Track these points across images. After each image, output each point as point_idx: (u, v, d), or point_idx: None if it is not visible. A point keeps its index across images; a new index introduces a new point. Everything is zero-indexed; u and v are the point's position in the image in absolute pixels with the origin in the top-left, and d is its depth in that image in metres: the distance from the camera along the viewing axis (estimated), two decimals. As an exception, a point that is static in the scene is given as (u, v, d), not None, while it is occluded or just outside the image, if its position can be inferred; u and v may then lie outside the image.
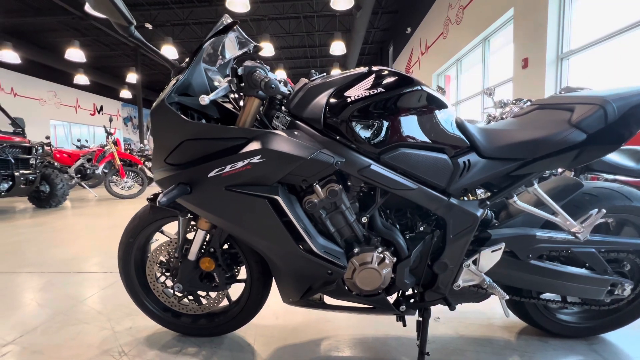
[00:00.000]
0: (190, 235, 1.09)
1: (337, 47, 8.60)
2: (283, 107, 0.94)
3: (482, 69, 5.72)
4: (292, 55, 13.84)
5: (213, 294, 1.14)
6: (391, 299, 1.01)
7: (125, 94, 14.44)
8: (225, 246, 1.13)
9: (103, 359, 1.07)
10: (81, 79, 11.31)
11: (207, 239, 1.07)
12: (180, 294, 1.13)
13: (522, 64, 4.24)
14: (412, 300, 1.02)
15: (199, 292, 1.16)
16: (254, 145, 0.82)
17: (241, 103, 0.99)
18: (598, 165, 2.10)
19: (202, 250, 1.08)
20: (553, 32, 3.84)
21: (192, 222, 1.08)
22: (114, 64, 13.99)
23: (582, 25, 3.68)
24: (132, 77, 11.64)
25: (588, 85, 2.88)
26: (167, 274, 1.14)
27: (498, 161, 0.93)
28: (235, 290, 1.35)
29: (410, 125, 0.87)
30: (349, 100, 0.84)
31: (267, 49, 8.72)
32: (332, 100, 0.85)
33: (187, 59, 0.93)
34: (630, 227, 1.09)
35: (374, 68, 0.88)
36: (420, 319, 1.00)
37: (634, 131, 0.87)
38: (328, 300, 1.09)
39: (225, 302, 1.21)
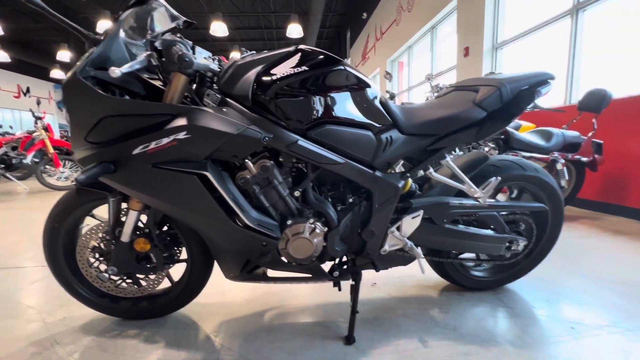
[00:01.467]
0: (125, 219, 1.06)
1: (294, 30, 8.40)
2: (214, 85, 0.94)
3: (430, 56, 6.01)
4: (248, 36, 13.26)
5: (152, 276, 1.13)
6: (327, 268, 1.10)
7: (58, 74, 12.75)
8: (165, 228, 1.12)
9: (31, 350, 1.02)
10: (-1, 55, 9.75)
11: (143, 220, 1.06)
12: (116, 278, 1.11)
13: (464, 52, 4.55)
14: (345, 267, 1.11)
15: (138, 275, 1.15)
16: (180, 122, 0.82)
17: None
18: (517, 144, 2.38)
19: (138, 232, 1.06)
20: (489, 23, 4.16)
21: (125, 205, 1.05)
22: (41, 39, 12.24)
23: (514, 18, 4.03)
24: (64, 55, 10.30)
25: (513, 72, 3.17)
26: (101, 258, 1.10)
27: (416, 137, 1.03)
28: (180, 270, 1.34)
29: (335, 103, 0.92)
30: (275, 77, 0.87)
31: (220, 28, 8.24)
32: (260, 77, 0.88)
33: (104, 30, 0.88)
34: (527, 193, 1.29)
35: (301, 47, 0.92)
36: (353, 282, 1.10)
37: (522, 109, 1.02)
38: (271, 273, 1.14)
39: (168, 283, 1.21)
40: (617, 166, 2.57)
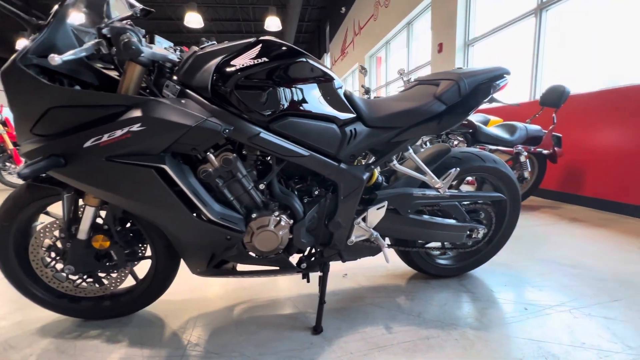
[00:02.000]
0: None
1: (273, 23, 8.26)
2: (174, 77, 0.91)
3: (406, 52, 6.10)
4: (225, 28, 12.90)
5: (114, 274, 1.10)
6: (295, 260, 1.10)
7: (18, 65, 11.85)
8: (128, 225, 1.08)
9: (-19, 355, 0.97)
10: (-52, 43, 8.92)
11: (101, 216, 1.02)
12: (75, 277, 1.07)
13: (438, 48, 4.66)
14: (312, 259, 1.12)
15: (99, 273, 1.10)
16: (134, 113, 0.79)
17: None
18: (484, 138, 2.47)
19: (98, 229, 1.02)
20: (462, 20, 4.28)
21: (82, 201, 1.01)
22: (-3, 27, 11.32)
23: (485, 15, 4.17)
24: (23, 45, 9.59)
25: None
26: (57, 257, 1.05)
27: (380, 129, 1.05)
28: (145, 267, 1.31)
29: (297, 96, 0.92)
30: (235, 68, 0.86)
31: (195, 19, 7.96)
32: (220, 68, 0.86)
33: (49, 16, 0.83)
34: (487, 184, 1.35)
35: (262, 38, 0.91)
36: (321, 273, 1.12)
37: (480, 102, 1.06)
38: (240, 267, 1.14)
39: (133, 281, 1.18)
40: (575, 158, 2.74)
